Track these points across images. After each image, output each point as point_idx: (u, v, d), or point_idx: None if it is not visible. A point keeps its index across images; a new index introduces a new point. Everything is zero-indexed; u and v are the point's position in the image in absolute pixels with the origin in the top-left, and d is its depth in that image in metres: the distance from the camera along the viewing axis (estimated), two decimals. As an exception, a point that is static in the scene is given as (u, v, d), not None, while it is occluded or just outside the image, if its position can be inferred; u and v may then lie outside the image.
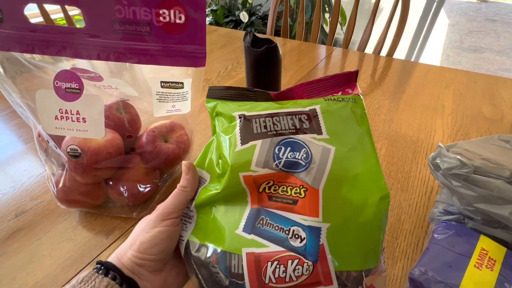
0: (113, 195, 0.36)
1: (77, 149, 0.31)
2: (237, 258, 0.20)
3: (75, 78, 0.29)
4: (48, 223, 0.38)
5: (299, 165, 0.21)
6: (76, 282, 0.20)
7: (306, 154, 0.21)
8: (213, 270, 0.21)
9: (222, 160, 0.23)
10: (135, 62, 0.27)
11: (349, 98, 0.24)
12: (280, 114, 0.23)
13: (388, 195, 0.21)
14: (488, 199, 0.27)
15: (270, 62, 0.48)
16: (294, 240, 0.20)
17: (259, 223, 0.21)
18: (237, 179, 0.22)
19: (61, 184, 0.35)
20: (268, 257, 0.20)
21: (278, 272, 0.20)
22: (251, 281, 0.20)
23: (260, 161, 0.21)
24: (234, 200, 0.23)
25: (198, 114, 0.58)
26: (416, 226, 0.37)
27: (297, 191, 0.21)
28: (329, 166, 0.21)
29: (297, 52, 0.86)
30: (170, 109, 0.32)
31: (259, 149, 0.22)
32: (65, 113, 0.29)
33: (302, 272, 0.20)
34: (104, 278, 0.20)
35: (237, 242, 0.21)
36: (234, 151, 0.22)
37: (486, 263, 0.25)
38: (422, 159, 0.47)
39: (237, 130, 0.23)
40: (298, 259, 0.20)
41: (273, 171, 0.21)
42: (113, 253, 0.23)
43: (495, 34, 2.62)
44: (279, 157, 0.22)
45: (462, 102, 0.61)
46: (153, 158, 0.35)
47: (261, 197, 0.22)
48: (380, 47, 0.89)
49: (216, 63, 0.80)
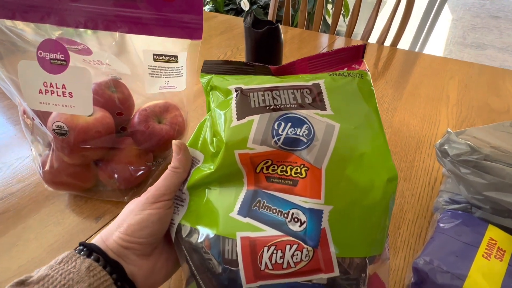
0: (103, 177, 0.34)
1: (63, 126, 0.29)
2: (231, 243, 0.19)
3: (60, 48, 0.26)
4: (35, 206, 0.36)
5: (300, 142, 0.20)
6: (54, 262, 0.19)
7: (308, 131, 0.20)
8: (205, 256, 0.20)
9: (216, 138, 0.21)
10: (126, 31, 0.25)
11: (356, 73, 0.22)
12: (280, 88, 0.21)
13: (396, 176, 0.19)
14: (499, 187, 0.26)
15: (271, 44, 0.46)
16: (293, 224, 0.18)
17: (255, 205, 0.20)
18: (232, 158, 0.20)
19: (47, 165, 0.33)
20: (265, 242, 0.18)
21: (275, 257, 0.18)
22: (245, 268, 0.18)
23: (257, 138, 0.20)
24: (229, 181, 0.21)
25: (195, 98, 0.56)
26: (419, 216, 0.35)
27: (297, 171, 0.19)
28: (333, 144, 0.19)
29: (298, 40, 0.83)
30: (164, 86, 0.30)
31: (256, 125, 0.20)
32: (50, 86, 0.27)
33: (301, 258, 0.18)
34: (86, 259, 0.19)
35: (231, 226, 0.19)
36: (230, 127, 0.20)
37: (495, 253, 0.24)
38: (426, 149, 0.45)
39: (233, 105, 0.21)
40: (297, 244, 0.18)
41: (272, 149, 0.20)
42: (97, 235, 0.22)
43: (498, 31, 2.60)
44: (279, 133, 0.20)
45: (467, 93, 0.59)
46: (146, 139, 0.33)
47: (258, 178, 0.20)
48: (384, 37, 0.86)
49: (215, 49, 0.78)
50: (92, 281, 0.18)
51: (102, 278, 0.18)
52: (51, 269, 0.18)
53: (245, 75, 0.23)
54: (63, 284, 0.17)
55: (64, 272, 0.18)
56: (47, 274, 0.18)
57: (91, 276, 0.18)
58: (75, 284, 0.17)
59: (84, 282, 0.18)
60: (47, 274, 0.18)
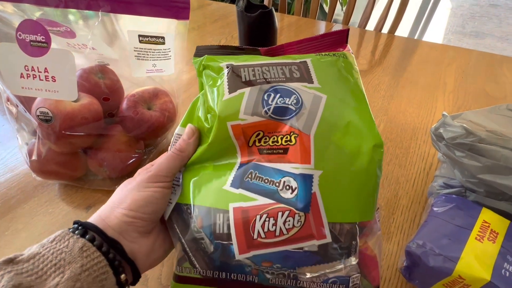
0: (92, 166, 0.34)
1: (47, 112, 0.28)
2: (222, 217, 0.19)
3: (40, 30, 0.25)
4: (24, 196, 0.35)
5: (289, 110, 0.20)
6: (47, 241, 0.18)
7: (296, 100, 0.21)
8: (197, 235, 0.20)
9: (210, 114, 0.22)
10: (108, 10, 0.24)
11: (340, 54, 0.24)
12: (269, 64, 0.22)
13: (382, 144, 0.20)
14: (493, 170, 0.25)
15: (265, 28, 0.45)
16: (284, 192, 0.19)
17: (247, 177, 0.20)
18: (226, 130, 0.20)
19: (35, 153, 0.32)
20: (257, 210, 0.19)
21: (268, 225, 0.18)
22: (238, 238, 0.19)
23: (248, 109, 0.20)
24: (223, 157, 0.21)
25: (188, 87, 0.55)
26: (413, 201, 0.35)
27: (287, 139, 0.20)
28: (320, 113, 0.20)
29: (295, 28, 0.81)
30: (151, 69, 0.29)
31: (247, 97, 0.21)
32: (32, 70, 0.26)
33: (293, 224, 0.18)
34: (80, 239, 0.18)
35: (224, 198, 0.20)
36: (222, 100, 0.21)
37: (488, 236, 0.24)
38: (421, 135, 0.45)
39: (225, 80, 0.22)
40: (289, 210, 0.18)
41: (263, 118, 0.20)
42: (94, 214, 0.21)
43: (497, 19, 2.57)
44: (268, 103, 0.20)
45: (464, 80, 0.58)
46: (135, 125, 0.32)
47: (251, 151, 0.21)
48: (382, 24, 0.85)
49: (209, 37, 0.76)
50: (85, 262, 0.17)
51: (96, 259, 0.18)
52: (42, 247, 0.17)
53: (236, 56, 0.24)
54: (54, 264, 0.17)
55: (56, 251, 0.17)
56: (38, 253, 0.17)
57: (84, 257, 0.17)
58: (66, 264, 0.17)
59: (76, 262, 0.17)
60: (38, 253, 0.17)
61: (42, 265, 0.16)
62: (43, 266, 0.16)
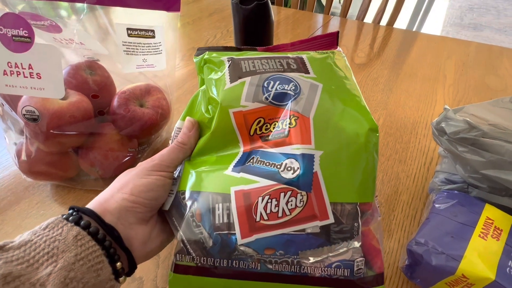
0: (84, 165, 0.33)
1: (34, 111, 0.27)
2: (221, 206, 0.19)
3: (22, 24, 0.24)
4: (14, 198, 0.34)
5: (289, 95, 0.21)
6: (39, 228, 0.17)
7: (294, 87, 0.21)
8: (196, 230, 0.19)
9: (212, 105, 0.22)
10: (94, 2, 0.23)
11: (332, 52, 0.25)
12: (268, 57, 0.23)
13: (377, 128, 0.21)
14: (497, 165, 0.25)
15: (261, 21, 0.43)
16: (286, 173, 0.19)
17: (249, 162, 0.20)
18: (228, 118, 0.21)
19: (23, 154, 0.31)
20: (259, 192, 0.19)
21: (270, 207, 0.18)
22: (240, 222, 0.18)
23: (249, 95, 0.21)
24: (225, 147, 0.22)
25: (183, 83, 0.54)
26: (414, 197, 0.34)
27: (288, 122, 0.20)
28: (318, 99, 0.21)
29: (292, 21, 0.80)
30: (141, 64, 0.28)
31: (248, 85, 0.21)
32: (15, 67, 0.25)
33: (295, 204, 0.18)
34: (74, 227, 0.17)
35: (225, 182, 0.20)
36: (223, 90, 0.21)
37: (492, 233, 0.23)
38: (421, 130, 0.44)
39: (226, 71, 0.22)
40: (291, 190, 0.18)
41: (263, 104, 0.21)
42: (93, 200, 0.20)
43: (496, 11, 2.55)
44: (268, 90, 0.21)
45: (464, 73, 0.57)
46: (127, 123, 0.31)
47: (253, 140, 0.21)
48: (380, 16, 0.83)
49: (205, 31, 0.74)
50: (79, 251, 0.16)
51: (90, 248, 0.17)
52: (34, 234, 0.16)
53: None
54: (47, 252, 0.16)
55: (49, 239, 0.16)
56: (30, 240, 0.16)
57: (79, 245, 0.16)
58: (60, 253, 0.16)
59: (70, 251, 0.16)
60: (30, 240, 0.16)
61: (34, 253, 0.15)
62: (35, 254, 0.15)
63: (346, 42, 0.69)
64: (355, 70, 0.58)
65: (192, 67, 0.58)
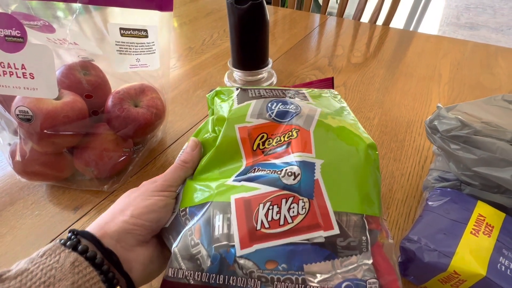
0: (79, 166, 0.33)
1: (27, 111, 0.27)
2: (221, 218, 0.18)
3: (15, 24, 0.24)
4: (9, 198, 0.34)
5: (290, 113, 0.23)
6: (36, 255, 0.17)
7: (295, 107, 0.23)
8: (194, 251, 0.18)
9: (218, 126, 0.23)
10: (87, 2, 0.23)
11: (328, 91, 0.29)
12: (272, 88, 0.27)
13: (375, 146, 0.21)
14: (489, 162, 0.25)
15: (256, 20, 0.43)
16: (287, 178, 0.19)
17: (250, 172, 0.21)
18: (233, 133, 0.22)
19: (17, 154, 0.31)
20: (260, 199, 0.18)
21: (272, 214, 0.18)
22: (240, 230, 0.18)
23: (254, 113, 0.23)
24: (229, 162, 0.22)
25: (179, 83, 0.54)
26: (408, 195, 0.35)
27: (290, 135, 0.21)
28: (317, 117, 0.23)
29: (289, 20, 0.80)
30: (135, 64, 0.28)
31: (253, 105, 0.24)
32: (8, 67, 0.25)
33: (297, 211, 0.18)
34: (71, 253, 0.17)
35: (225, 191, 0.20)
36: (231, 110, 0.24)
37: (484, 230, 0.23)
38: (416, 128, 0.44)
39: (235, 96, 0.25)
40: (293, 196, 0.18)
41: (267, 121, 0.23)
42: (93, 222, 0.20)
43: (492, 10, 2.56)
44: (272, 108, 0.23)
45: (459, 72, 0.58)
46: (121, 123, 0.31)
47: (256, 154, 0.22)
48: (376, 16, 0.83)
49: (201, 31, 0.74)
50: (76, 279, 0.16)
51: (88, 275, 0.17)
52: (31, 262, 0.16)
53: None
54: (43, 282, 0.16)
55: (46, 267, 0.16)
56: (26, 269, 0.16)
57: (76, 273, 0.16)
58: (56, 282, 0.16)
59: (67, 280, 0.16)
60: (26, 269, 0.16)
61: (30, 282, 0.15)
62: (31, 284, 0.15)
63: (343, 42, 0.69)
64: (351, 70, 0.58)
65: (189, 67, 0.58)
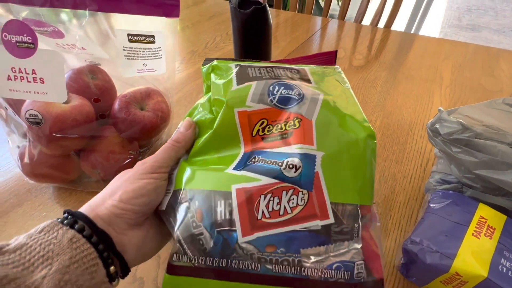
0: (85, 168, 0.33)
1: (37, 114, 0.27)
2: (223, 203, 0.19)
3: (26, 30, 0.25)
4: (17, 200, 0.35)
5: (293, 100, 0.22)
6: (34, 231, 0.17)
7: (298, 93, 0.22)
8: (196, 231, 0.19)
9: (216, 106, 0.22)
10: (95, 9, 0.23)
11: (331, 67, 0.27)
12: (273, 66, 0.25)
13: (374, 136, 0.21)
14: (490, 165, 0.25)
15: (259, 25, 0.44)
16: (288, 171, 0.19)
17: (251, 161, 0.20)
18: (232, 117, 0.21)
19: (26, 157, 0.31)
20: (261, 191, 0.19)
21: (272, 205, 0.19)
22: (241, 219, 0.18)
23: (255, 97, 0.22)
24: (226, 147, 0.22)
25: (184, 85, 0.54)
26: (410, 197, 0.35)
27: (291, 124, 0.21)
28: (320, 105, 0.22)
29: (290, 23, 0.81)
30: (142, 69, 0.28)
31: (254, 87, 0.22)
32: (19, 72, 0.26)
33: (297, 202, 0.19)
34: (69, 230, 0.17)
35: (226, 180, 0.20)
36: (230, 91, 0.22)
37: (485, 231, 0.24)
38: (418, 131, 0.44)
39: (233, 75, 0.23)
40: (293, 188, 0.19)
41: (268, 106, 0.22)
42: (85, 204, 0.20)
43: (493, 12, 2.56)
44: (274, 93, 0.22)
45: (461, 74, 0.58)
46: (127, 126, 0.32)
47: (255, 141, 0.22)
48: (378, 18, 0.84)
49: (204, 34, 0.75)
50: (74, 254, 0.17)
51: (85, 251, 0.17)
52: (30, 238, 0.17)
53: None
54: (42, 255, 0.16)
55: (44, 243, 0.16)
56: (25, 243, 0.16)
57: (74, 248, 0.17)
58: (55, 256, 0.16)
59: (65, 254, 0.16)
60: (25, 243, 0.16)
61: (29, 256, 0.16)
62: (30, 257, 0.16)
63: (344, 45, 0.69)
64: (353, 72, 0.59)
65: (192, 70, 0.59)
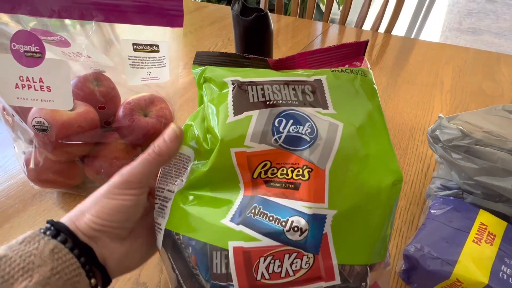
0: (90, 173, 0.34)
1: (43, 121, 0.28)
2: (219, 255, 0.17)
3: (34, 40, 0.25)
4: (22, 205, 0.35)
5: (303, 141, 0.18)
6: (15, 242, 0.16)
7: (310, 129, 0.18)
8: (194, 271, 0.18)
9: (211, 135, 0.19)
10: (102, 20, 0.24)
11: (358, 70, 0.21)
12: (280, 82, 0.20)
13: (401, 179, 0.19)
14: (490, 172, 0.25)
15: (261, 31, 0.45)
16: (292, 234, 0.17)
17: (250, 212, 0.18)
18: (228, 157, 0.18)
19: (32, 162, 0.32)
20: (261, 253, 0.17)
21: (273, 267, 0.17)
22: (239, 278, 0.17)
23: (256, 135, 0.18)
24: (223, 186, 0.19)
25: (185, 91, 0.55)
26: (411, 203, 0.35)
27: (299, 173, 0.18)
28: (337, 144, 0.18)
29: (291, 29, 0.81)
30: (146, 77, 0.29)
31: (255, 121, 0.18)
32: (27, 80, 0.26)
33: (300, 266, 0.17)
34: (51, 240, 0.17)
35: (222, 234, 0.18)
36: (225, 123, 0.18)
37: (486, 238, 0.24)
38: (419, 136, 0.45)
39: (230, 99, 0.19)
40: (297, 252, 0.17)
41: (271, 147, 0.18)
42: (65, 216, 0.19)
43: (494, 15, 2.57)
44: (279, 131, 0.18)
45: (461, 79, 0.58)
46: (131, 133, 0.32)
47: (256, 183, 0.19)
48: (378, 23, 0.85)
49: (206, 40, 0.76)
50: (56, 265, 0.16)
51: (67, 261, 0.17)
52: (10, 249, 0.16)
53: (241, 67, 0.21)
54: (22, 267, 0.15)
55: (24, 254, 0.16)
56: (5, 255, 0.16)
57: (55, 259, 0.16)
58: (35, 268, 0.16)
59: (46, 265, 0.16)
60: (5, 255, 0.16)
61: (9, 268, 0.15)
62: (10, 270, 0.15)
63: (345, 50, 0.70)
64: (354, 77, 0.59)
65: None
